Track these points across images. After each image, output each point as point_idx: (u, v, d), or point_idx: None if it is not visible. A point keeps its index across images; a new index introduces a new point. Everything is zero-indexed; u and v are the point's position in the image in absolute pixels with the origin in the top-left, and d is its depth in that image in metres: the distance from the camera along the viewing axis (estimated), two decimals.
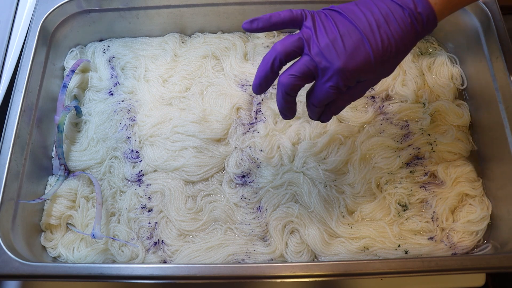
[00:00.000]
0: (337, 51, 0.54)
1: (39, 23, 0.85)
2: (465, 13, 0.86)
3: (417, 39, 0.57)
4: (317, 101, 0.59)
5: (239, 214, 0.79)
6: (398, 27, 0.55)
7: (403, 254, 0.75)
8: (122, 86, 0.90)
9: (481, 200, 0.79)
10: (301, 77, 0.56)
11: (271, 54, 0.56)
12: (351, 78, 0.55)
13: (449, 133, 0.84)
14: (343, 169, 0.82)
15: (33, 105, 0.81)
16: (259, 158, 0.82)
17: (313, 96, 0.59)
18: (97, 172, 0.84)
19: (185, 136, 0.84)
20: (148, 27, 0.94)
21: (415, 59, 0.91)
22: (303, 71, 0.55)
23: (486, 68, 0.82)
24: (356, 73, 0.55)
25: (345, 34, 0.54)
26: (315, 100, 0.59)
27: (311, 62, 0.55)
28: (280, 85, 0.57)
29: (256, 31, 0.58)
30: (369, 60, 0.54)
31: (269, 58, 0.57)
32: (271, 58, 0.56)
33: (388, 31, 0.54)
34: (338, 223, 0.77)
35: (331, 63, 0.54)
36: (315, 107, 0.60)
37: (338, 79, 0.55)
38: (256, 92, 0.60)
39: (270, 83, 0.59)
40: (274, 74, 0.57)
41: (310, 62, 0.55)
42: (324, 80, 0.56)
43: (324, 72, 0.55)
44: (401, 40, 0.55)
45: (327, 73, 0.55)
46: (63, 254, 0.78)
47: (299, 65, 0.56)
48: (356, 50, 0.54)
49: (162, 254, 0.77)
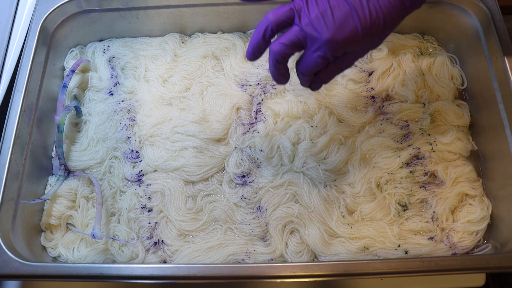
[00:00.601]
0: (326, 23, 0.56)
1: (39, 23, 0.85)
2: (465, 13, 0.86)
3: (405, 13, 0.59)
4: (305, 70, 0.62)
5: (239, 214, 0.79)
6: (387, 1, 0.56)
7: (403, 254, 0.75)
8: (122, 86, 0.90)
9: (481, 200, 0.79)
10: (291, 46, 0.58)
11: (263, 23, 0.59)
12: (339, 49, 0.58)
13: (449, 133, 0.84)
14: (343, 169, 0.82)
15: (33, 105, 0.81)
16: (259, 158, 0.82)
17: (301, 65, 0.62)
18: (97, 172, 0.84)
19: (185, 136, 0.84)
20: (148, 27, 0.94)
21: (415, 59, 0.91)
22: (293, 40, 0.58)
23: (486, 68, 0.82)
24: (344, 44, 0.57)
25: (334, 6, 0.56)
26: (303, 69, 0.62)
27: (301, 32, 0.58)
28: (271, 52, 0.60)
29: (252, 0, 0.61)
30: (357, 32, 0.56)
31: (261, 27, 0.59)
32: (263, 27, 0.59)
33: (377, 4, 0.56)
34: (338, 223, 0.77)
35: (320, 33, 0.56)
36: (304, 76, 0.63)
37: (326, 50, 0.57)
38: (250, 59, 0.63)
39: (263, 50, 0.61)
40: (266, 42, 0.60)
41: (300, 32, 0.57)
42: (313, 50, 0.58)
43: (312, 42, 0.58)
44: (389, 14, 0.57)
45: (315, 43, 0.57)
46: (63, 254, 0.78)
47: (289, 35, 0.58)
48: (344, 22, 0.56)
49: (162, 254, 0.77)
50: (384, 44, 0.92)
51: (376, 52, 0.91)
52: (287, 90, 0.88)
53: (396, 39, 0.93)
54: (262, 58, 0.90)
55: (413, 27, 0.94)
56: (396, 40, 0.93)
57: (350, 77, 0.89)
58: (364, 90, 0.88)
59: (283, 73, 0.63)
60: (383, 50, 0.91)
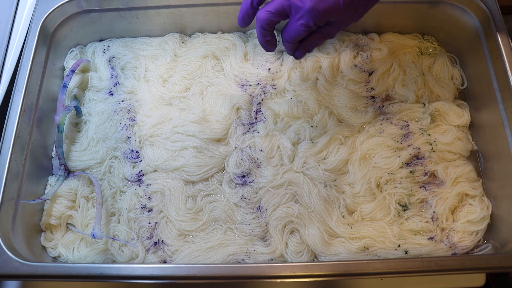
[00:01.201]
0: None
1: (39, 23, 0.85)
2: (465, 13, 0.86)
3: None
4: (289, 38, 0.66)
5: (239, 214, 0.79)
6: None
7: (403, 254, 0.75)
8: (122, 86, 0.90)
9: (481, 200, 0.79)
10: (276, 14, 0.63)
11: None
12: (321, 18, 0.61)
13: (449, 133, 0.84)
14: (343, 169, 0.82)
15: (33, 105, 0.81)
16: (259, 158, 0.82)
17: (286, 33, 0.66)
18: (97, 172, 0.84)
19: (185, 136, 0.84)
20: (148, 27, 0.94)
21: (415, 59, 0.91)
22: (278, 9, 0.62)
23: (486, 68, 0.82)
24: (325, 14, 0.61)
25: None
26: (288, 36, 0.66)
27: (286, 1, 0.62)
28: (258, 19, 0.64)
29: None
30: (338, 4, 0.60)
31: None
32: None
33: None
34: (338, 223, 0.77)
35: (303, 3, 0.60)
36: (289, 43, 0.67)
37: (308, 18, 0.61)
38: (241, 25, 0.68)
39: (252, 17, 0.66)
40: (254, 9, 0.65)
41: (285, 1, 0.62)
42: (296, 18, 0.62)
43: (296, 11, 0.62)
44: None
45: (299, 12, 0.61)
46: (63, 254, 0.78)
47: (275, 3, 0.63)
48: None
49: (162, 254, 0.77)
50: (384, 44, 0.92)
51: (376, 52, 0.91)
52: (287, 90, 0.88)
53: (396, 39, 0.93)
54: (262, 58, 0.91)
55: (413, 27, 0.94)
56: (396, 40, 0.93)
57: (350, 77, 0.89)
58: (364, 90, 0.88)
59: (269, 40, 0.67)
60: (383, 50, 0.91)
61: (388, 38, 0.93)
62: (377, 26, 0.94)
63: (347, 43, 0.92)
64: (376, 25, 0.93)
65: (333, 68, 0.90)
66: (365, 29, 0.94)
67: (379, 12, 0.89)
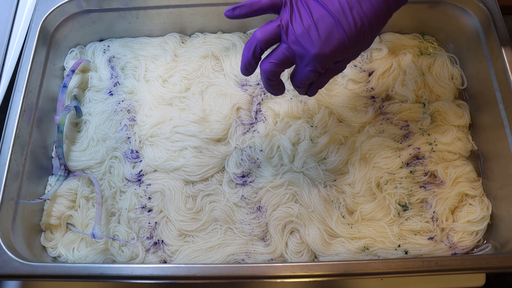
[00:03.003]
0: (312, 39, 0.56)
1: (39, 23, 0.85)
2: (465, 13, 0.86)
3: (390, 13, 0.59)
4: (299, 83, 0.63)
5: (239, 214, 0.79)
6: (370, 5, 0.56)
7: (403, 254, 0.75)
8: (122, 86, 0.90)
9: (481, 200, 0.79)
10: (280, 64, 0.60)
11: (252, 42, 0.60)
12: (328, 62, 0.59)
13: (449, 133, 0.84)
14: (343, 169, 0.82)
15: (33, 105, 0.81)
16: (259, 158, 0.82)
17: (295, 79, 0.63)
18: (97, 172, 0.84)
19: (185, 136, 0.84)
20: (148, 27, 0.94)
21: (415, 59, 0.91)
22: (282, 59, 0.59)
23: (486, 68, 0.82)
24: (332, 57, 0.58)
25: (318, 21, 0.56)
26: (297, 82, 0.63)
27: (289, 50, 0.58)
28: (262, 72, 0.61)
29: (238, 17, 0.61)
30: (344, 43, 0.57)
31: (251, 46, 0.60)
32: (252, 46, 0.60)
33: (361, 10, 0.56)
34: (338, 223, 0.77)
35: (307, 50, 0.57)
36: (299, 88, 0.65)
37: (315, 64, 0.58)
38: (245, 75, 0.65)
39: (255, 66, 0.63)
40: (256, 59, 0.61)
41: (288, 50, 0.58)
42: (303, 65, 0.59)
43: (301, 59, 0.58)
44: (374, 18, 0.57)
45: (304, 60, 0.58)
46: (63, 254, 0.78)
47: (278, 53, 0.59)
48: (330, 35, 0.56)
49: (162, 254, 0.77)
50: (384, 44, 0.92)
51: (376, 52, 0.91)
52: (287, 90, 0.88)
53: (396, 39, 0.93)
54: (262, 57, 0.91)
55: (413, 27, 0.94)
56: (396, 40, 0.93)
57: (350, 77, 0.89)
58: (364, 90, 0.88)
59: (277, 87, 0.64)
60: (383, 50, 0.91)
61: (388, 38, 0.93)
62: None
63: None
64: None
65: None
66: None
67: None
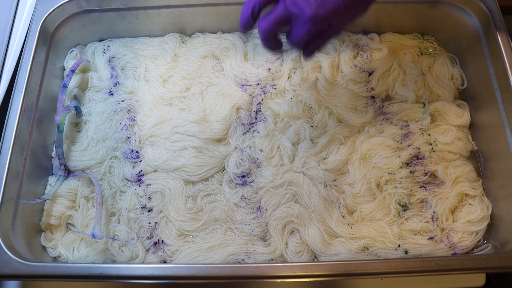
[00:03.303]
0: (308, 1, 0.59)
1: (39, 23, 0.85)
2: (465, 13, 0.86)
3: None
4: (294, 43, 0.65)
5: (239, 214, 0.79)
6: None
7: (403, 254, 0.75)
8: (122, 86, 0.90)
9: (481, 200, 0.79)
10: (277, 23, 0.62)
11: (251, 1, 0.62)
12: (322, 24, 0.60)
13: (449, 133, 0.84)
14: (343, 169, 0.82)
15: (33, 105, 0.81)
16: (259, 158, 0.82)
17: (291, 38, 0.65)
18: (97, 172, 0.84)
19: (185, 136, 0.84)
20: (148, 27, 0.94)
21: (415, 59, 0.91)
22: (279, 19, 0.61)
23: (486, 68, 0.82)
24: (327, 19, 0.60)
25: None
26: (293, 42, 0.65)
27: (286, 11, 0.60)
28: (260, 30, 0.63)
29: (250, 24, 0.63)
30: (339, 6, 0.59)
31: (249, 5, 0.62)
32: (251, 6, 0.62)
33: None
34: (338, 223, 0.77)
35: (303, 12, 0.59)
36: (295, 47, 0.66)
37: (310, 26, 0.60)
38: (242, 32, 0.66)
39: (253, 24, 0.64)
40: (254, 18, 0.64)
41: (285, 10, 0.61)
42: (298, 25, 0.61)
43: (297, 19, 0.60)
44: None
45: (300, 20, 0.60)
46: (63, 254, 0.78)
47: (275, 13, 0.61)
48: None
49: (162, 254, 0.77)
50: (384, 44, 0.92)
51: (376, 52, 0.91)
52: (287, 90, 0.88)
53: (396, 39, 0.93)
54: (262, 58, 0.91)
55: (413, 27, 0.94)
56: (396, 40, 0.93)
57: (350, 77, 0.89)
58: (364, 90, 0.88)
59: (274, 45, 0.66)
60: (383, 50, 0.91)
61: (388, 38, 0.93)
62: (377, 26, 0.94)
63: (347, 43, 0.92)
64: (376, 25, 0.93)
65: (333, 68, 0.90)
66: (365, 29, 0.94)
67: (379, 12, 0.90)
